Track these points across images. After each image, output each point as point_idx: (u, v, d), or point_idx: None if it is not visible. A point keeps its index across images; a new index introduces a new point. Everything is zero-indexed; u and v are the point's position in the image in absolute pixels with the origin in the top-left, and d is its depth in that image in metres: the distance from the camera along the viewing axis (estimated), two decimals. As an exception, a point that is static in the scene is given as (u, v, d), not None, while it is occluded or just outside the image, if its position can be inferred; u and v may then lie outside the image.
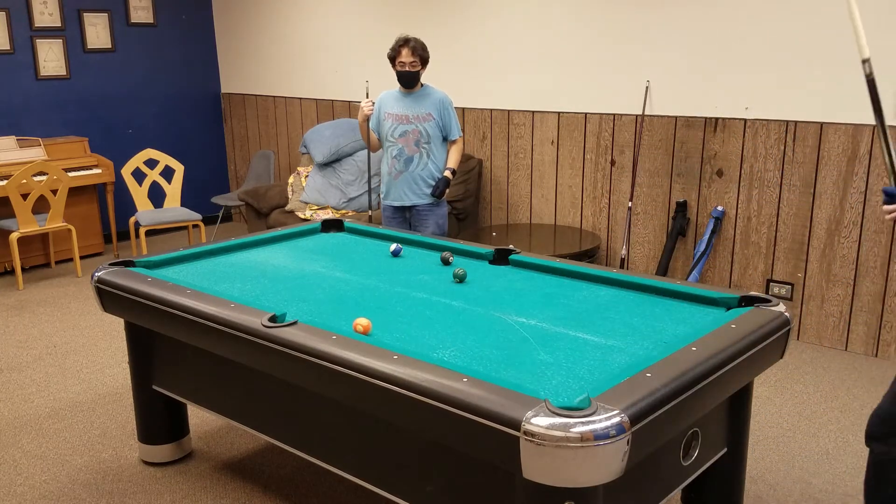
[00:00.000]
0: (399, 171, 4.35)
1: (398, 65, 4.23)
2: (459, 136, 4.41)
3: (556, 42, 5.11)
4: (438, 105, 4.31)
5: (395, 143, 4.34)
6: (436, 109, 4.31)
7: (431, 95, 4.34)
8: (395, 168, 4.36)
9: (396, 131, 4.32)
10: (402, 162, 4.33)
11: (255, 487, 3.03)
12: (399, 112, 4.31)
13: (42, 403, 3.77)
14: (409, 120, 4.29)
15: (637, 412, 1.76)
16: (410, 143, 4.31)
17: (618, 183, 5.02)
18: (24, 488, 3.04)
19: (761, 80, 4.34)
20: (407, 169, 4.34)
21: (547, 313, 2.52)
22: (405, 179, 4.35)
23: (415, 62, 4.20)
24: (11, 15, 6.15)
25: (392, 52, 4.24)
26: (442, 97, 4.34)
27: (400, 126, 4.31)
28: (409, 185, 4.36)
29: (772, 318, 2.34)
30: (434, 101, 4.32)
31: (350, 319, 2.47)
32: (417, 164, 4.33)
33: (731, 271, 4.66)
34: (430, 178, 4.36)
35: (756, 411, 3.60)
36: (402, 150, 4.32)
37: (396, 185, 4.38)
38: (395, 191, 4.40)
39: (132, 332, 3.07)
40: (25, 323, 4.89)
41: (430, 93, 4.35)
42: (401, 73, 4.24)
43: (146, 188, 6.26)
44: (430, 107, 4.30)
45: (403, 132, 4.31)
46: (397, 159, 4.34)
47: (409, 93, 4.32)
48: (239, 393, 2.70)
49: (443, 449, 2.06)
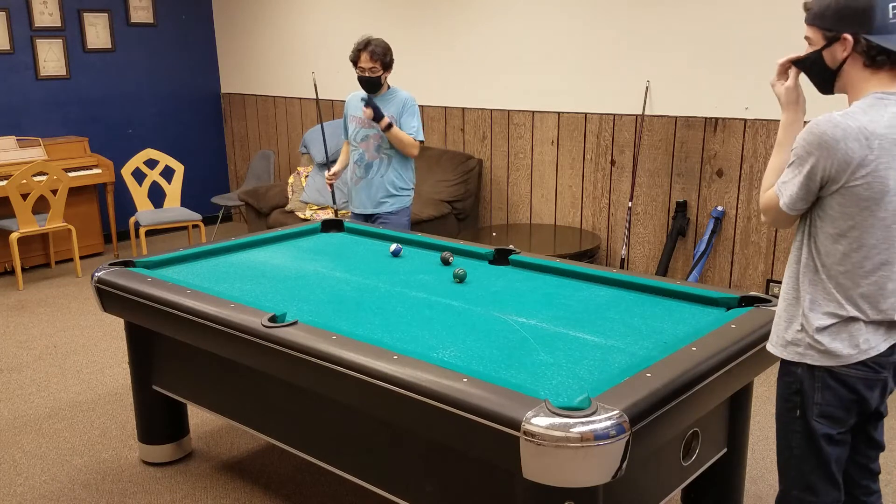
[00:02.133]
0: (359, 178, 4.18)
1: (358, 69, 4.06)
2: (420, 138, 4.13)
3: (556, 42, 5.11)
4: (400, 106, 4.11)
5: (357, 148, 4.18)
6: (398, 111, 4.10)
7: (395, 98, 4.13)
8: (356, 174, 4.20)
9: (359, 135, 4.16)
10: (363, 168, 4.16)
11: (255, 487, 3.03)
12: (362, 115, 4.11)
13: (42, 403, 3.77)
14: (370, 124, 4.09)
15: (637, 412, 1.76)
16: (371, 149, 4.13)
17: (618, 183, 5.02)
18: (24, 488, 3.04)
19: (761, 80, 4.34)
20: (366, 175, 4.16)
21: (547, 313, 2.52)
22: (365, 186, 4.17)
23: (374, 67, 4.01)
24: (11, 15, 6.15)
25: (353, 55, 4.06)
26: (404, 99, 4.12)
27: (362, 130, 4.15)
28: (368, 193, 4.17)
29: (772, 318, 2.34)
30: (396, 104, 4.11)
31: (350, 319, 2.48)
32: (377, 170, 4.14)
33: (731, 271, 4.66)
34: (390, 186, 4.14)
35: (756, 411, 3.60)
36: (363, 156, 4.15)
37: (357, 191, 4.21)
38: (356, 197, 4.23)
39: (132, 332, 3.07)
40: (25, 323, 4.89)
41: (395, 96, 4.14)
42: (360, 78, 4.07)
43: (146, 188, 6.26)
44: (392, 110, 4.09)
45: (364, 136, 4.14)
46: (358, 165, 4.18)
47: (374, 96, 4.12)
48: (239, 393, 2.70)
49: (443, 449, 2.06)
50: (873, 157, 1.75)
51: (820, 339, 1.88)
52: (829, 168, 1.78)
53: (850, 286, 1.86)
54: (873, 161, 1.76)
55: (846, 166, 1.77)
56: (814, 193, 1.85)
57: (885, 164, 1.77)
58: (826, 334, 1.88)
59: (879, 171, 1.76)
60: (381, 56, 4.01)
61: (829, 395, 1.91)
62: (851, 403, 1.92)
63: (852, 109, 1.83)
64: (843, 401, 1.91)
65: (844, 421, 1.94)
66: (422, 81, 5.91)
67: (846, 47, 1.84)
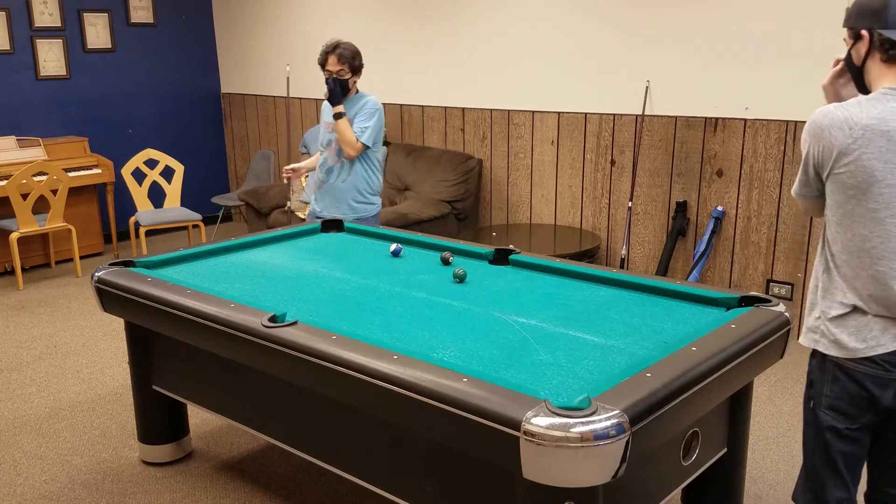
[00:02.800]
0: (321, 181, 4.15)
1: (325, 72, 4.00)
2: (362, 139, 3.97)
3: (556, 42, 5.11)
4: (358, 110, 4.03)
5: (322, 152, 4.16)
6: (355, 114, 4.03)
7: (360, 102, 4.06)
8: (318, 178, 4.17)
9: (325, 140, 4.14)
10: (325, 172, 4.13)
11: (255, 487, 3.03)
12: (329, 120, 4.08)
13: (42, 403, 3.77)
14: (333, 129, 4.05)
15: (637, 412, 1.76)
16: (332, 153, 4.09)
17: (618, 183, 5.02)
18: (24, 488, 3.04)
19: (761, 80, 4.34)
20: (328, 180, 4.12)
21: (547, 313, 2.52)
22: (326, 191, 4.13)
23: (342, 70, 3.96)
24: (11, 15, 6.15)
25: (321, 59, 4.01)
26: (363, 102, 4.05)
27: (327, 135, 4.11)
28: (330, 198, 4.12)
29: (772, 318, 2.34)
30: (359, 106, 4.05)
31: (350, 319, 2.47)
32: (338, 175, 4.08)
33: (731, 271, 4.66)
34: (352, 191, 4.08)
35: (756, 411, 3.60)
36: (326, 160, 4.12)
37: (320, 195, 4.17)
38: (319, 202, 4.19)
39: (132, 332, 3.07)
40: (25, 323, 4.89)
41: (361, 100, 4.07)
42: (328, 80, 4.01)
43: (146, 188, 6.26)
44: (352, 114, 4.02)
45: (328, 141, 4.10)
46: (321, 168, 4.15)
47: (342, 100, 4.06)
48: (239, 393, 2.70)
49: (443, 449, 2.06)
50: (856, 147, 1.81)
51: (831, 327, 1.93)
52: (817, 155, 1.88)
53: (852, 276, 1.89)
54: (856, 150, 1.81)
55: (829, 153, 1.85)
56: (814, 180, 1.94)
57: (870, 155, 1.80)
58: (835, 323, 1.92)
59: (862, 161, 1.81)
60: (349, 59, 3.97)
61: (837, 388, 1.94)
62: (861, 399, 1.92)
63: (850, 101, 1.89)
64: (851, 395, 1.93)
65: (855, 417, 1.94)
66: (422, 81, 5.92)
67: (865, 43, 1.93)
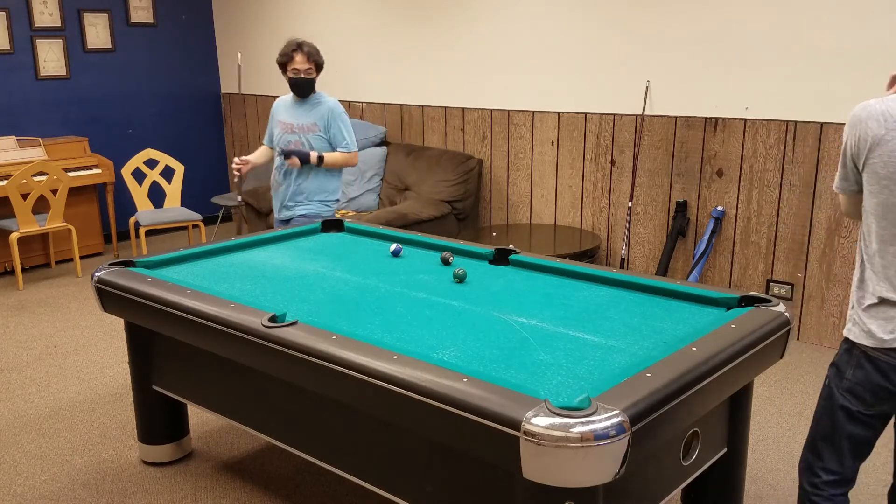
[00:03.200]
0: (279, 184, 4.13)
1: (291, 71, 3.94)
2: (353, 149, 4.07)
3: (556, 42, 5.11)
4: (326, 116, 4.01)
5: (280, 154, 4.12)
6: (322, 120, 4.02)
7: (320, 105, 4.04)
8: (277, 180, 4.14)
9: (282, 140, 4.08)
10: (282, 174, 4.10)
11: (255, 487, 3.03)
12: (286, 120, 4.05)
13: (42, 403, 3.77)
14: (293, 130, 4.02)
15: (637, 412, 1.76)
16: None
17: (618, 183, 5.02)
18: (24, 488, 3.04)
19: (761, 80, 4.34)
20: (284, 181, 4.10)
21: (547, 313, 2.52)
22: (284, 193, 4.11)
23: (310, 69, 3.93)
24: (11, 15, 6.15)
25: (284, 57, 3.94)
26: (331, 107, 4.03)
27: (286, 136, 4.06)
28: (289, 198, 4.11)
29: (772, 318, 2.34)
30: (321, 111, 4.02)
31: (350, 319, 2.48)
32: (297, 177, 4.06)
33: (731, 271, 4.66)
34: (307, 192, 4.07)
35: (756, 411, 3.60)
36: (284, 161, 4.07)
37: (277, 197, 4.16)
38: (276, 203, 4.18)
39: (132, 332, 3.07)
40: (25, 323, 4.89)
41: (320, 102, 4.05)
42: (295, 80, 3.96)
43: (146, 188, 6.26)
44: (316, 116, 4.01)
45: (287, 142, 4.06)
46: (279, 170, 4.12)
47: (300, 101, 4.06)
48: (239, 393, 2.70)
49: (443, 449, 2.06)
50: (889, 138, 1.86)
51: (863, 316, 1.97)
52: (853, 145, 1.95)
53: (884, 265, 1.93)
54: (889, 141, 1.86)
55: (865, 143, 1.91)
56: (852, 171, 1.99)
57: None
58: (867, 313, 1.96)
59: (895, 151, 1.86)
60: (315, 56, 3.95)
61: (860, 374, 1.98)
62: (880, 389, 1.96)
63: (892, 96, 1.94)
64: (872, 384, 1.96)
65: (871, 404, 1.99)
66: (422, 81, 5.92)
67: None
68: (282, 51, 3.98)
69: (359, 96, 6.38)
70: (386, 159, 5.89)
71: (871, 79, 3.97)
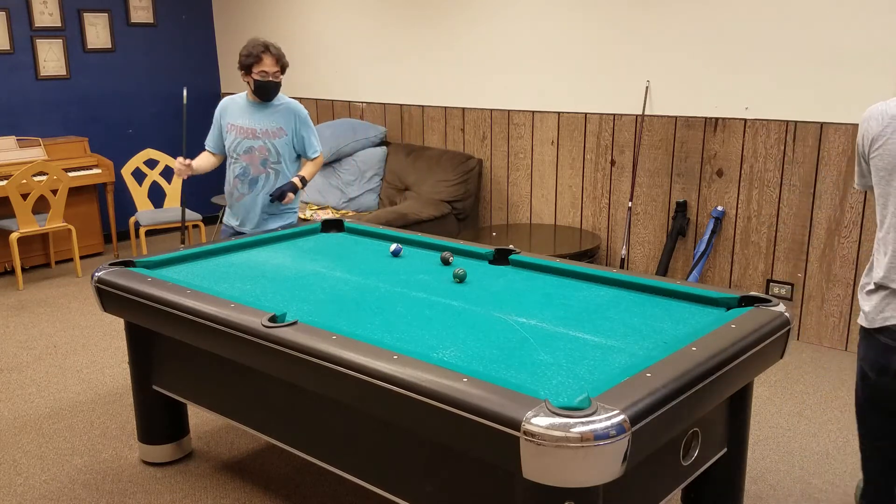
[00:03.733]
0: (242, 194, 3.85)
1: (259, 74, 3.72)
2: (319, 152, 3.92)
3: (556, 42, 5.11)
4: (292, 119, 3.82)
5: (238, 161, 3.83)
6: (288, 124, 3.82)
7: (283, 107, 3.84)
8: (238, 189, 3.86)
9: (241, 146, 3.81)
10: (246, 183, 3.83)
11: (255, 487, 3.03)
12: (245, 125, 3.80)
13: (42, 403, 3.77)
14: (255, 135, 3.78)
15: (637, 412, 1.76)
16: (256, 162, 3.81)
17: (618, 183, 5.02)
18: (24, 488, 3.04)
19: (761, 80, 4.34)
20: (251, 191, 3.84)
21: (547, 313, 2.52)
22: (249, 203, 3.86)
23: (278, 71, 3.74)
24: (11, 15, 6.15)
25: (250, 58, 3.72)
26: (296, 110, 3.85)
27: (245, 141, 3.80)
28: (252, 209, 3.87)
29: (772, 318, 2.34)
30: (286, 114, 3.82)
31: (350, 319, 2.48)
32: (263, 186, 3.83)
33: (731, 271, 4.66)
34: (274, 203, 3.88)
35: (756, 411, 3.60)
36: (247, 169, 3.82)
37: (239, 207, 3.89)
38: (239, 214, 3.91)
39: (132, 332, 3.07)
40: (25, 323, 4.89)
41: (282, 104, 3.85)
42: (263, 83, 3.73)
43: (146, 188, 6.26)
44: (281, 120, 3.80)
45: (248, 148, 3.80)
46: (240, 179, 3.83)
47: (259, 103, 3.83)
48: (239, 393, 2.70)
49: (443, 449, 2.06)
50: (886, 133, 2.07)
51: (863, 298, 2.18)
52: (861, 143, 2.17)
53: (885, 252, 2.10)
54: (886, 136, 2.07)
55: (867, 140, 2.13)
56: (865, 167, 2.20)
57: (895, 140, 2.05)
58: (864, 295, 2.17)
59: (888, 146, 2.06)
60: (283, 59, 3.78)
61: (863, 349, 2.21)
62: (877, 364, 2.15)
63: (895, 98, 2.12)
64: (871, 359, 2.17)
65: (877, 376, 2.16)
66: (422, 81, 5.92)
67: None
68: (245, 51, 3.75)
69: (359, 96, 6.38)
70: (386, 159, 5.89)
71: (872, 79, 3.97)
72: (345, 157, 5.86)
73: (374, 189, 5.83)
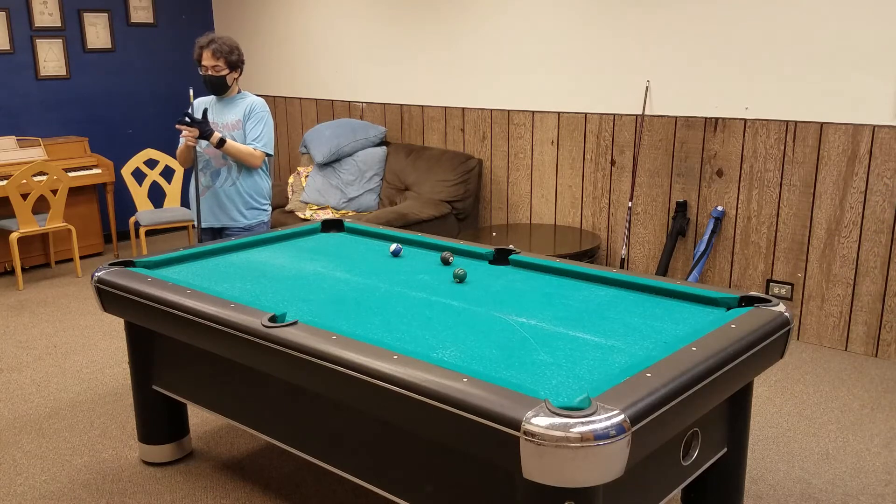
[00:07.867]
0: (205, 187, 3.94)
1: (201, 68, 3.85)
2: (262, 150, 3.91)
3: (556, 42, 5.11)
4: (246, 111, 3.91)
5: (202, 154, 3.93)
6: (244, 116, 3.91)
7: (243, 102, 3.95)
8: (202, 182, 3.95)
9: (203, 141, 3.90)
10: (209, 175, 3.93)
11: (255, 487, 3.03)
12: (210, 119, 3.93)
13: (42, 403, 3.77)
14: (217, 129, 3.88)
15: (637, 412, 1.76)
16: (217, 155, 3.90)
17: (618, 183, 5.02)
18: (24, 488, 3.04)
19: (761, 80, 4.34)
20: (213, 184, 3.93)
21: (547, 313, 2.52)
22: (212, 196, 3.94)
23: (217, 66, 3.81)
24: (11, 15, 6.15)
25: (195, 54, 3.85)
26: (252, 103, 3.93)
27: None
28: (217, 203, 3.95)
29: (772, 318, 2.34)
30: (243, 107, 3.92)
31: (350, 319, 2.48)
32: (225, 179, 3.92)
33: (731, 271, 4.66)
34: (239, 195, 3.95)
35: (756, 411, 3.60)
36: (209, 163, 3.91)
37: (204, 201, 3.96)
38: (203, 210, 3.98)
39: (132, 332, 3.07)
40: (25, 323, 4.89)
41: (245, 99, 3.96)
42: (203, 77, 3.86)
43: (146, 188, 6.26)
44: (239, 114, 3.92)
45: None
46: (204, 172, 3.93)
47: (222, 98, 3.95)
48: (239, 393, 2.70)
49: (443, 449, 2.06)
50: None
51: None
52: None
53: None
54: None
55: None
56: None
57: None
58: None
59: None
60: (225, 54, 3.81)
61: None
62: None
63: None
64: None
65: None
66: (422, 81, 5.92)
67: None
68: (195, 46, 3.88)
69: (359, 96, 6.38)
70: (386, 159, 5.89)
71: (872, 79, 3.97)
72: (345, 157, 5.85)
73: (374, 189, 5.83)
